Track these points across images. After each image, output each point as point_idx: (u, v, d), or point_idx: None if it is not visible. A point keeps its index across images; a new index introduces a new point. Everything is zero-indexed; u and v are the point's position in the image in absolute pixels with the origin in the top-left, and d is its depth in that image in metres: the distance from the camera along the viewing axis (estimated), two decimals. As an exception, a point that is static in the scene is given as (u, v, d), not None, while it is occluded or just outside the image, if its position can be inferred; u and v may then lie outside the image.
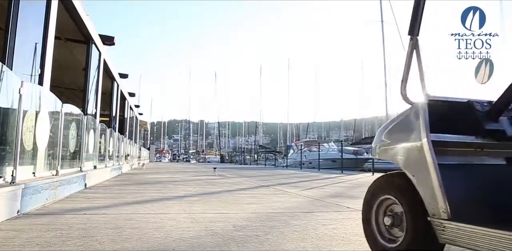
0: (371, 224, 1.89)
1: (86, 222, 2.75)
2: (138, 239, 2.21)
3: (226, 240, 2.25)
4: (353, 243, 2.26)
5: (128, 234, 2.34)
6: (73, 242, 2.10)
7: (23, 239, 2.12)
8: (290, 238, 2.37)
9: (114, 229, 2.49)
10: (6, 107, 3.42)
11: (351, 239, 2.34)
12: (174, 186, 6.64)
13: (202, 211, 3.50)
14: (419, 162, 1.59)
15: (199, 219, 3.01)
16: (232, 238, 2.30)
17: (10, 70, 3.63)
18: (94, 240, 2.15)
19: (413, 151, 1.65)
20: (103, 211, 3.34)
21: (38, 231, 2.38)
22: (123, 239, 2.21)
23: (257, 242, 2.23)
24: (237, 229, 2.59)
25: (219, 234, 2.42)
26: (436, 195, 1.48)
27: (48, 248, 1.96)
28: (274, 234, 2.46)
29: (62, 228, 2.48)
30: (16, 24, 4.85)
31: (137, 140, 24.75)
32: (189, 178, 9.60)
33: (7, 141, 3.39)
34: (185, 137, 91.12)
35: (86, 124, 6.78)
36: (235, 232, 2.50)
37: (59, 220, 2.81)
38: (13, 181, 3.22)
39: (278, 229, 2.66)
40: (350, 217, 3.12)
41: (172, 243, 2.13)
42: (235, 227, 2.66)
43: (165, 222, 2.82)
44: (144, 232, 2.41)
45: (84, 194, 4.86)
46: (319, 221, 3.01)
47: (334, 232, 2.61)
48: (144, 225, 2.67)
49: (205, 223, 2.80)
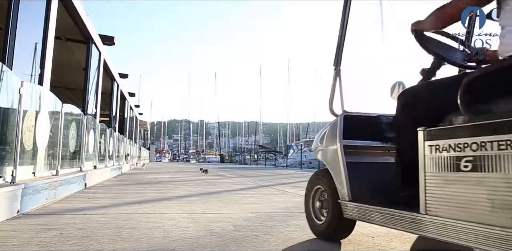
0: (309, 207, 2.49)
1: (86, 222, 2.75)
2: (138, 239, 2.21)
3: (226, 240, 2.25)
4: (353, 242, 2.26)
5: (128, 234, 2.34)
6: (73, 242, 2.10)
7: (23, 239, 2.12)
8: (290, 238, 2.37)
9: (114, 229, 2.49)
10: (6, 107, 3.42)
11: (350, 239, 2.34)
12: (174, 186, 6.64)
13: (202, 211, 3.51)
14: (335, 160, 2.18)
15: (199, 219, 3.01)
16: (232, 238, 2.30)
17: (10, 70, 3.63)
18: (94, 240, 2.15)
19: (332, 152, 2.23)
20: (103, 211, 3.34)
21: (38, 231, 2.37)
22: (123, 239, 2.21)
23: (257, 242, 2.23)
24: (237, 229, 2.59)
25: (219, 234, 2.42)
26: (343, 184, 2.07)
27: (47, 248, 1.96)
28: (274, 234, 2.46)
29: (62, 228, 2.48)
30: (16, 24, 4.85)
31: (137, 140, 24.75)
32: (189, 178, 9.61)
33: (7, 140, 3.40)
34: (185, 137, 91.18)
35: (86, 124, 6.78)
36: (235, 232, 2.50)
37: (59, 220, 2.81)
38: (13, 181, 3.22)
39: (278, 229, 2.66)
40: (350, 217, 3.12)
41: (172, 243, 2.13)
42: (235, 227, 2.66)
43: (165, 222, 2.82)
44: (144, 232, 2.41)
45: (84, 194, 4.86)
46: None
47: (334, 232, 2.61)
48: (144, 225, 2.67)
49: (205, 223, 2.80)
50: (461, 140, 1.39)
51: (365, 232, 2.52)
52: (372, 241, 2.30)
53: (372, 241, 2.31)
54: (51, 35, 6.02)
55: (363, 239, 2.34)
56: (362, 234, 2.49)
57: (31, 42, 5.84)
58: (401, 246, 2.18)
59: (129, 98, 18.35)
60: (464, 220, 1.34)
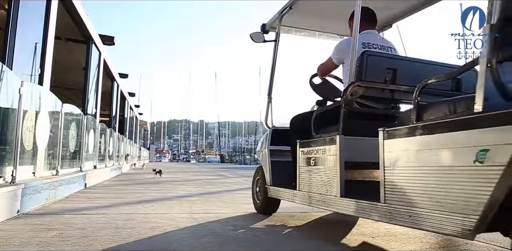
0: (253, 192, 3.55)
1: (86, 222, 2.75)
2: (138, 239, 2.21)
3: (226, 240, 2.25)
4: (353, 243, 2.26)
5: (128, 234, 2.34)
6: (73, 242, 2.10)
7: (23, 239, 2.12)
8: (290, 238, 2.37)
9: (114, 229, 2.49)
10: (6, 107, 3.42)
11: (350, 239, 2.34)
12: (174, 186, 6.64)
13: (202, 211, 3.51)
14: (265, 159, 3.24)
15: (199, 218, 3.01)
16: (232, 238, 2.30)
17: (10, 70, 3.63)
18: (94, 240, 2.14)
19: (264, 154, 3.29)
20: (103, 211, 3.34)
21: (38, 231, 2.37)
22: (123, 239, 2.21)
23: (257, 242, 2.23)
24: (237, 229, 2.59)
25: (219, 234, 2.42)
26: (268, 175, 3.13)
27: (47, 248, 1.96)
28: (274, 234, 2.46)
29: (62, 228, 2.48)
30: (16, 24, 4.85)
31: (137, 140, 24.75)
32: (189, 178, 9.61)
33: (7, 140, 3.39)
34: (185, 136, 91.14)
35: (86, 124, 6.78)
36: (235, 232, 2.50)
37: (59, 220, 2.81)
38: (13, 180, 3.22)
39: (278, 229, 2.66)
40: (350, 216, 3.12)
41: (172, 243, 2.13)
42: (235, 227, 2.66)
43: (165, 222, 2.82)
44: (144, 232, 2.41)
45: (84, 194, 4.86)
46: (319, 221, 3.01)
47: (335, 231, 2.62)
48: (144, 225, 2.67)
49: (205, 223, 2.80)
50: (312, 148, 2.46)
51: (365, 232, 2.52)
52: (372, 241, 2.30)
53: (372, 241, 2.31)
54: (51, 35, 6.02)
55: (363, 239, 2.34)
56: (362, 234, 2.49)
57: (31, 42, 5.84)
58: (400, 246, 2.18)
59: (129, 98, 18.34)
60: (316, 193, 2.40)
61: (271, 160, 3.11)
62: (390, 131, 1.78)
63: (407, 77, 2.16)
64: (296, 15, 3.21)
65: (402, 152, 1.70)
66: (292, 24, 3.48)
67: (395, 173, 1.72)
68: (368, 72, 2.19)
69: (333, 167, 2.19)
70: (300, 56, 31.26)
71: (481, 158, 1.31)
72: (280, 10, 3.21)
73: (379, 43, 2.60)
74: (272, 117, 3.39)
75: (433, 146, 1.52)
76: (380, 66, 2.20)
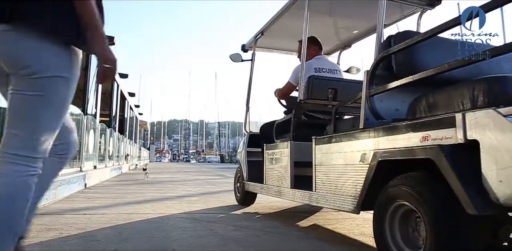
0: (234, 187, 4.17)
1: (86, 222, 2.75)
2: (138, 239, 2.21)
3: (226, 240, 2.25)
4: (353, 243, 2.26)
5: (128, 234, 2.34)
6: (73, 242, 2.10)
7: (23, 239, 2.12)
8: (290, 238, 2.37)
9: (114, 229, 2.49)
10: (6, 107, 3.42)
11: (350, 239, 2.34)
12: (174, 186, 6.64)
13: (202, 211, 3.51)
14: (243, 159, 3.85)
15: (199, 219, 3.01)
16: (232, 238, 2.30)
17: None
18: (94, 240, 2.15)
19: (242, 154, 3.91)
20: (103, 211, 3.34)
21: (38, 231, 2.37)
22: (123, 239, 2.21)
23: (257, 242, 2.23)
24: (237, 229, 2.59)
25: (219, 234, 2.42)
26: (245, 172, 3.73)
27: (48, 248, 1.96)
28: (274, 234, 2.46)
29: (62, 228, 2.48)
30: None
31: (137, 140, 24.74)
32: (189, 178, 9.61)
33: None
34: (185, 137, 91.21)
35: (86, 124, 6.78)
36: (235, 232, 2.50)
37: (59, 220, 2.81)
38: (13, 181, 3.22)
39: (278, 229, 2.66)
40: (350, 216, 3.12)
41: (172, 243, 2.13)
42: (235, 227, 2.66)
43: (165, 222, 2.82)
44: (144, 232, 2.41)
45: (84, 194, 4.87)
46: (319, 221, 3.01)
47: (335, 232, 2.62)
48: (144, 225, 2.67)
49: (205, 223, 2.80)
50: (273, 150, 3.08)
51: (365, 232, 2.53)
52: (372, 241, 2.30)
53: (372, 241, 2.31)
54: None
55: (364, 239, 2.35)
56: (362, 234, 2.49)
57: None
58: (401, 246, 2.17)
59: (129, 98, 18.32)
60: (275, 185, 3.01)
61: (247, 159, 3.74)
62: (319, 138, 2.35)
63: (345, 94, 2.66)
64: (268, 38, 3.88)
65: (324, 154, 2.27)
66: (265, 45, 4.26)
67: (321, 170, 2.29)
68: (314, 92, 2.89)
69: (286, 165, 2.79)
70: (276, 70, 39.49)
71: (363, 159, 1.85)
72: (255, 35, 3.88)
73: (327, 67, 3.28)
74: (249, 124, 4.15)
75: (340, 150, 2.10)
76: (324, 87, 2.87)
